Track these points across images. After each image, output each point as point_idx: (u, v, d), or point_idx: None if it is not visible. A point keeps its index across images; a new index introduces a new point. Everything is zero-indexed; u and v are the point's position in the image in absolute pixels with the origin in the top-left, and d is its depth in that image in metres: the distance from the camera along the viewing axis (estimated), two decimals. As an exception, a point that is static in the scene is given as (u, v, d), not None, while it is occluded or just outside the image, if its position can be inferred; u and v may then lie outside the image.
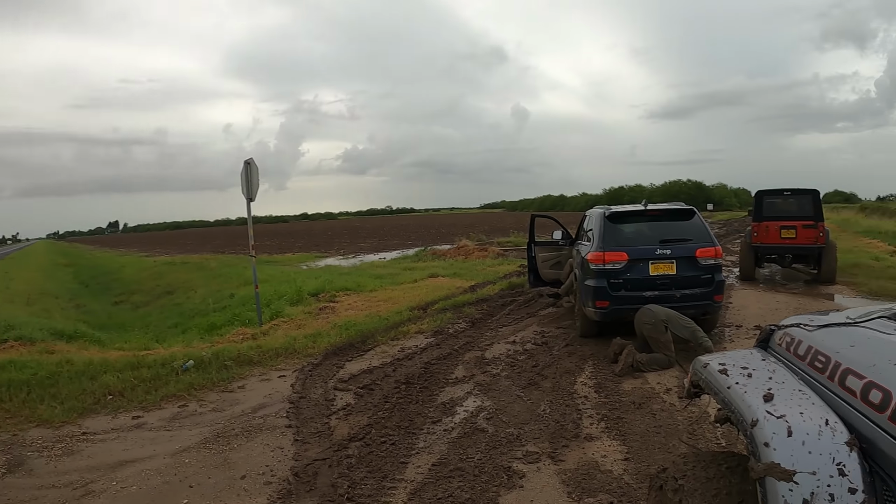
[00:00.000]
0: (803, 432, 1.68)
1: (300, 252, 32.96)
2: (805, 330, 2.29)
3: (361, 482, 4.29)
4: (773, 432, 1.69)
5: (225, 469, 4.53)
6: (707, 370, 2.32)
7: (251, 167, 9.71)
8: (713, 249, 7.98)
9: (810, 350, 2.13)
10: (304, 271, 19.21)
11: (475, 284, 13.98)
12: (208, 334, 9.35)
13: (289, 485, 4.26)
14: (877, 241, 23.38)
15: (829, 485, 1.57)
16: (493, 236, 32.80)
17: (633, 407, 5.75)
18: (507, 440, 5.00)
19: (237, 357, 7.48)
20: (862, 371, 1.79)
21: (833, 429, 1.69)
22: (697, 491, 2.02)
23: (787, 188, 13.92)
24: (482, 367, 7.17)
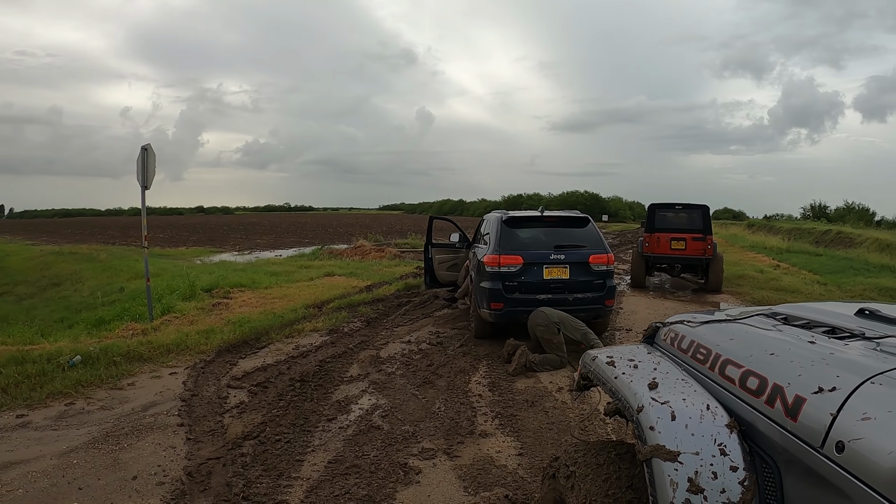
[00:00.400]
0: (686, 416, 1.80)
1: (194, 246, 31.99)
2: (688, 326, 2.46)
3: (257, 481, 4.23)
4: (658, 417, 1.81)
5: (115, 470, 4.34)
6: (596, 363, 2.45)
7: (148, 153, 9.35)
8: (605, 256, 8.31)
9: (693, 344, 2.28)
10: (198, 266, 18.62)
11: (371, 284, 13.98)
12: (97, 329, 8.93)
13: (182, 485, 4.13)
14: (761, 255, 24.98)
15: (711, 464, 1.69)
16: (390, 237, 32.84)
17: (526, 405, 5.91)
18: (403, 437, 5.04)
19: (127, 353, 7.18)
20: (740, 361, 1.94)
21: (714, 413, 1.82)
22: (589, 476, 2.13)
23: (678, 202, 14.66)
24: (377, 366, 7.18)
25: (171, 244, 33.19)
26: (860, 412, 1.43)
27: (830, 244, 30.42)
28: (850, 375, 1.58)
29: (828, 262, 21.78)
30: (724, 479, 1.67)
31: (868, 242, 27.18)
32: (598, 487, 2.06)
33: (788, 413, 1.62)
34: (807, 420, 1.55)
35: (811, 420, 1.53)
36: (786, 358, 1.83)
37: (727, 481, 1.67)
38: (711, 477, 1.67)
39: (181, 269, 15.86)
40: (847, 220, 44.30)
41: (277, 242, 36.94)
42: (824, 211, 56.98)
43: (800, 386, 1.64)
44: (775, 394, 1.70)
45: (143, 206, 9.71)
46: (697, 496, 1.64)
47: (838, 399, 1.50)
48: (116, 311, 10.20)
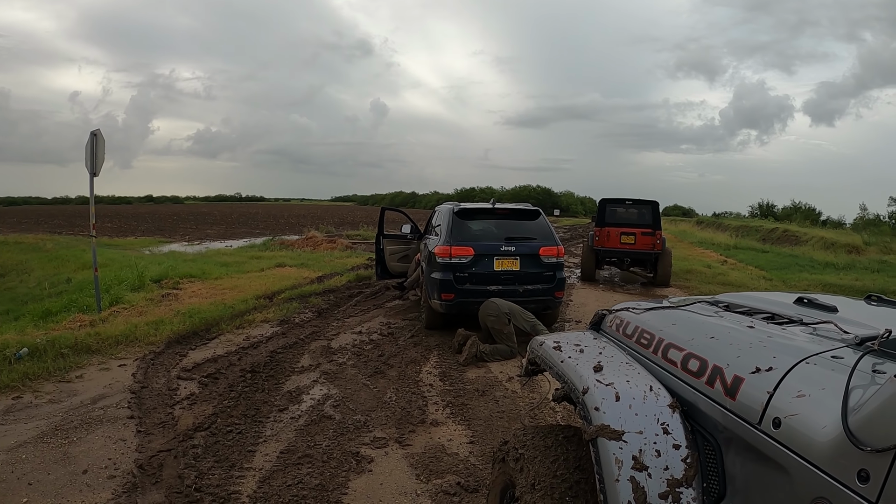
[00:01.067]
0: (630, 397, 1.86)
1: (143, 236, 31.30)
2: (633, 313, 2.53)
3: (209, 472, 4.19)
4: (603, 398, 1.87)
5: (65, 464, 4.25)
6: (543, 348, 2.50)
7: (97, 139, 9.10)
8: (556, 248, 8.43)
9: (637, 329, 2.35)
10: (147, 256, 18.22)
11: (323, 275, 13.92)
12: (43, 321, 8.66)
13: (133, 478, 4.08)
14: (709, 251, 25.60)
15: (654, 442, 1.75)
16: (342, 229, 32.71)
17: (476, 394, 5.98)
18: (355, 427, 5.06)
19: (74, 345, 7.01)
20: (682, 345, 2.01)
21: (657, 394, 1.89)
22: (537, 458, 2.18)
23: (629, 198, 14.95)
24: (328, 357, 7.17)
25: (119, 234, 32.43)
26: (795, 390, 1.50)
27: (777, 242, 31.29)
28: (786, 357, 1.65)
29: (774, 258, 22.39)
30: (667, 457, 1.73)
31: (813, 241, 28.04)
32: (547, 469, 2.11)
33: (728, 392, 1.69)
34: (745, 399, 1.62)
35: (749, 398, 1.60)
36: (725, 341, 1.91)
37: (670, 459, 1.73)
38: (655, 455, 1.73)
39: (130, 259, 15.51)
40: (794, 219, 45.55)
41: (228, 233, 36.43)
42: (772, 210, 58.49)
43: (738, 367, 1.71)
44: (715, 375, 1.77)
45: (91, 194, 9.47)
46: (642, 473, 1.69)
47: (774, 378, 1.58)
48: (64, 302, 9.92)
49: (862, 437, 1.21)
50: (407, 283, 10.55)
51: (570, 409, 5.06)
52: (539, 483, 2.08)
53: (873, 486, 1.17)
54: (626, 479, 1.69)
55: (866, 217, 42.73)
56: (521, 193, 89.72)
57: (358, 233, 29.23)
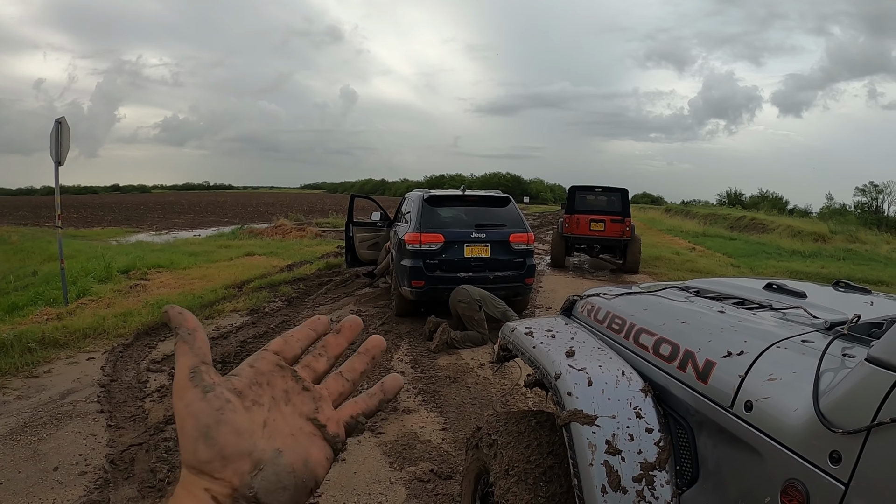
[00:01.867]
0: (602, 382, 1.86)
1: (110, 226, 30.78)
2: (604, 298, 2.54)
3: (181, 465, 4.16)
4: (576, 383, 1.87)
5: (35, 461, 4.17)
6: (515, 334, 2.50)
7: (62, 127, 8.92)
8: (526, 235, 8.45)
9: (608, 315, 2.36)
10: (114, 247, 17.95)
11: (292, 264, 13.84)
12: (9, 315, 8.49)
13: (105, 473, 4.02)
14: (678, 238, 25.92)
15: (627, 426, 1.76)
16: (311, 217, 32.51)
17: (448, 381, 5.99)
18: (327, 415, 5.04)
19: (42, 339, 6.87)
20: (654, 329, 2.02)
21: (629, 378, 1.89)
22: (510, 444, 2.18)
23: (598, 185, 15.07)
24: (300, 346, 7.12)
25: (85, 224, 31.85)
26: (767, 373, 1.51)
27: (745, 229, 31.78)
28: (757, 341, 1.67)
29: (742, 246, 22.75)
30: (640, 441, 1.74)
31: (780, 229, 28.52)
32: (520, 454, 2.11)
33: (699, 376, 1.70)
34: (716, 382, 1.63)
35: (721, 382, 1.61)
36: (697, 326, 1.92)
37: (643, 442, 1.74)
38: (628, 439, 1.74)
39: (96, 250, 15.28)
40: (761, 208, 46.32)
41: (196, 222, 36.02)
42: (739, 198, 59.40)
43: (710, 351, 1.72)
44: (687, 359, 1.78)
45: (56, 184, 9.29)
46: (615, 457, 1.70)
47: (746, 362, 1.59)
48: (30, 295, 9.74)
49: (833, 419, 1.22)
50: (377, 271, 10.53)
51: (542, 395, 5.09)
52: (513, 468, 2.08)
53: (845, 467, 1.18)
54: (599, 463, 1.69)
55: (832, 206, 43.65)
56: (491, 181, 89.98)
57: (327, 221, 29.07)
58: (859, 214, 42.45)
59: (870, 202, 48.93)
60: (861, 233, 26.54)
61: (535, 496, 1.98)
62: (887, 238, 26.79)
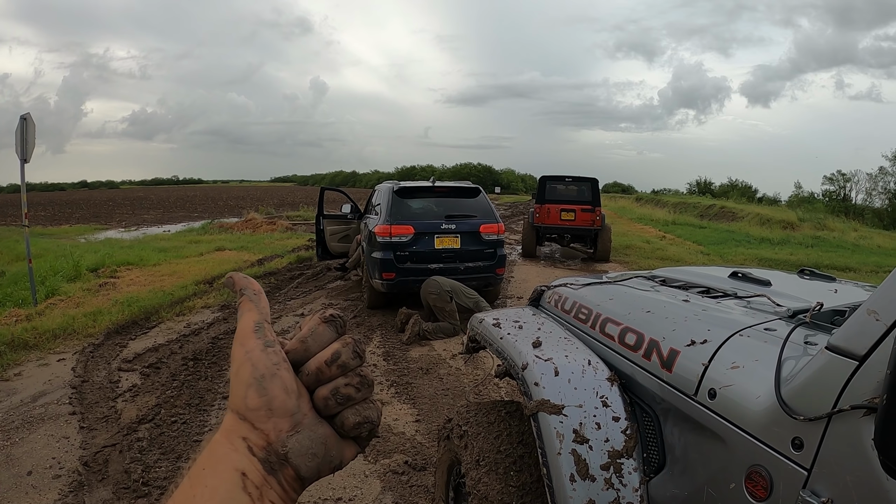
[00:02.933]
0: (569, 371, 1.88)
1: (78, 223, 30.27)
2: (571, 288, 2.56)
3: (155, 465, 4.11)
4: (542, 373, 1.88)
5: (8, 467, 4.09)
6: (482, 325, 2.51)
7: (28, 123, 8.72)
8: (496, 226, 8.47)
9: (575, 305, 2.37)
10: (83, 244, 17.67)
11: (263, 258, 13.77)
12: (-24, 319, 8.36)
13: (79, 476, 3.96)
14: (648, 227, 26.16)
15: (594, 415, 1.78)
16: (282, 210, 32.33)
17: (421, 373, 6.00)
18: (300, 409, 5.03)
19: (11, 341, 6.73)
20: (619, 319, 2.04)
21: (595, 368, 1.91)
22: (480, 434, 2.19)
23: (568, 175, 15.12)
24: (272, 340, 7.09)
25: (53, 222, 31.29)
26: (730, 361, 1.53)
27: (714, 218, 32.16)
28: (721, 329, 1.69)
29: (711, 234, 23.03)
30: (607, 429, 1.76)
31: (750, 217, 28.89)
32: (490, 444, 2.12)
33: (664, 365, 1.72)
34: (681, 371, 1.65)
35: (685, 370, 1.63)
36: (661, 315, 1.94)
37: (610, 431, 1.76)
38: (595, 427, 1.75)
39: (65, 248, 15.03)
40: (731, 196, 46.87)
41: (166, 217, 35.60)
42: (709, 187, 60.01)
43: (674, 340, 1.74)
44: (651, 348, 1.80)
45: (22, 182, 9.11)
46: (583, 446, 1.72)
47: (709, 350, 1.61)
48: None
49: (795, 406, 1.24)
50: (349, 264, 10.50)
51: (514, 385, 5.12)
52: (483, 459, 2.09)
53: (807, 454, 1.20)
54: (567, 451, 1.71)
55: (801, 195, 44.31)
56: (462, 171, 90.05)
57: (298, 214, 28.93)
58: (827, 202, 43.14)
59: (837, 190, 49.72)
60: (829, 220, 27.01)
61: (505, 486, 1.99)
62: (855, 225, 27.33)
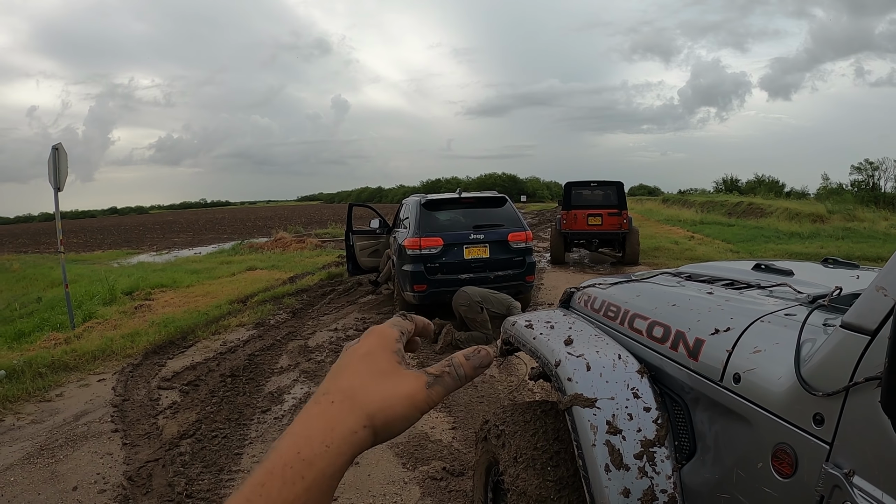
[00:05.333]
0: (600, 366, 1.95)
1: (110, 249, 30.83)
2: (599, 288, 2.63)
3: (198, 478, 4.24)
4: (575, 368, 1.96)
5: (54, 483, 4.25)
6: (515, 327, 2.59)
7: (59, 153, 9.03)
8: (524, 234, 8.54)
9: (604, 303, 2.45)
10: (116, 269, 18.04)
11: (294, 276, 13.96)
12: (17, 342, 8.57)
13: (124, 490, 4.10)
14: (676, 227, 25.92)
15: (626, 406, 1.85)
16: (310, 228, 32.59)
17: (455, 381, 6.07)
18: (338, 421, 5.13)
19: (52, 363, 6.96)
20: (646, 314, 2.12)
21: (625, 361, 1.98)
22: (517, 433, 2.26)
23: (593, 180, 15.11)
24: (306, 355, 7.22)
25: (85, 248, 31.92)
26: (752, 347, 1.60)
27: (742, 215, 31.78)
28: (743, 317, 1.76)
29: (740, 231, 22.78)
30: (639, 420, 1.83)
31: (778, 212, 28.52)
32: (527, 442, 2.20)
33: (690, 354, 1.79)
34: (706, 359, 1.72)
35: (710, 358, 1.70)
36: (686, 307, 2.01)
37: (642, 421, 1.83)
38: (627, 418, 1.83)
39: (99, 273, 15.37)
40: (758, 192, 46.23)
41: (196, 240, 36.09)
42: (736, 184, 59.26)
43: (699, 330, 1.81)
44: (678, 339, 1.87)
45: (56, 210, 9.39)
46: (616, 436, 1.79)
47: (732, 337, 1.68)
48: (36, 321, 9.82)
49: (814, 383, 1.30)
50: (380, 279, 10.62)
51: (548, 388, 5.18)
52: (521, 456, 2.16)
53: (828, 428, 1.26)
54: (601, 443, 1.78)
55: (829, 186, 43.54)
56: (487, 182, 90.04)
57: (326, 231, 29.17)
58: (856, 192, 42.38)
59: (866, 179, 48.86)
60: (859, 211, 26.56)
61: (543, 480, 2.06)
62: (885, 214, 26.85)
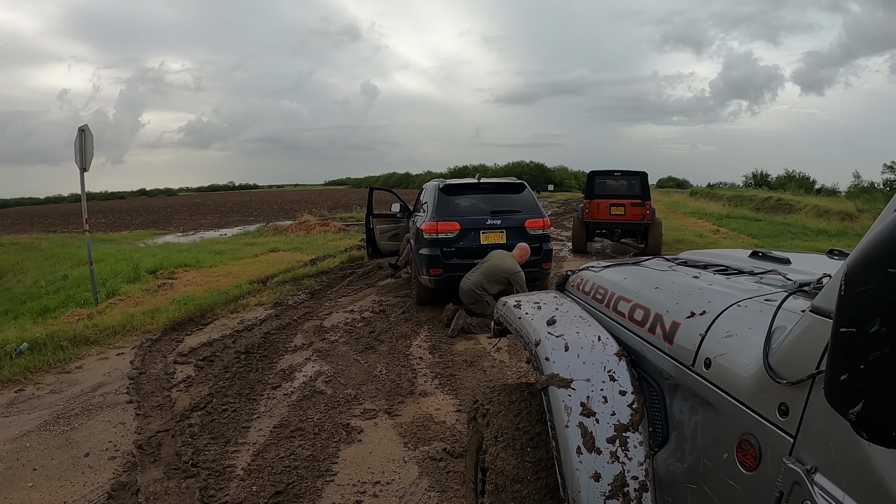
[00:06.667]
0: (578, 347, 1.94)
1: (137, 229, 31.31)
2: (592, 271, 2.62)
3: (205, 448, 4.30)
4: (553, 348, 1.95)
5: (68, 449, 4.36)
6: (505, 307, 2.59)
7: (86, 134, 9.14)
8: (541, 220, 8.48)
9: (594, 286, 2.44)
10: (142, 249, 18.29)
11: (316, 258, 14.03)
12: (42, 318, 8.73)
13: (133, 457, 4.18)
14: (702, 220, 25.51)
15: (601, 389, 1.84)
16: (335, 212, 32.75)
17: (465, 365, 6.08)
18: (346, 400, 5.17)
19: (73, 337, 7.10)
20: (629, 296, 2.10)
21: (604, 343, 1.97)
22: (501, 413, 2.26)
23: (617, 170, 14.92)
24: (321, 335, 7.27)
25: (113, 228, 32.40)
26: (724, 331, 1.57)
27: (770, 210, 31.18)
28: (720, 301, 1.73)
29: (766, 226, 22.35)
30: (613, 403, 1.82)
31: (807, 209, 27.94)
32: (510, 422, 2.20)
33: (666, 338, 1.77)
34: (680, 342, 1.70)
35: (684, 341, 1.68)
36: (667, 290, 1.99)
37: (617, 405, 1.82)
38: (602, 401, 1.82)
39: (124, 252, 15.59)
40: (788, 188, 45.28)
41: (222, 221, 36.45)
42: (766, 179, 58.10)
43: (676, 313, 1.79)
44: (656, 322, 1.85)
45: (82, 190, 9.52)
46: (590, 419, 1.78)
47: (706, 321, 1.65)
48: (61, 298, 10.00)
49: (780, 370, 1.27)
50: (399, 262, 10.63)
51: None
52: (502, 435, 2.16)
53: (792, 420, 1.22)
54: (574, 424, 1.77)
55: (860, 184, 42.58)
56: (514, 170, 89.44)
57: (351, 215, 29.29)
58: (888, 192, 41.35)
59: (898, 179, 47.44)
60: (890, 210, 25.77)
61: (521, 461, 2.06)
62: (917, 215, 26.00)
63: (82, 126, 9.23)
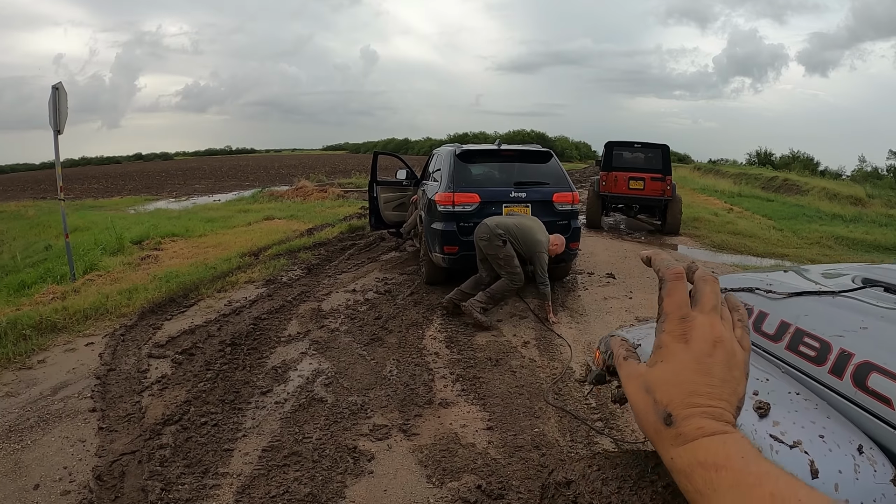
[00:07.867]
0: (834, 471, 1.08)
1: (129, 195, 30.22)
2: (761, 296, 1.71)
3: (178, 481, 3.41)
4: None
5: (15, 477, 3.48)
6: None
7: (60, 93, 8.18)
8: (570, 195, 7.53)
9: (789, 329, 1.54)
10: (131, 216, 17.33)
11: (313, 227, 13.12)
12: (16, 295, 7.84)
13: (90, 493, 3.31)
14: (713, 198, 24.79)
15: None
16: (334, 177, 31.78)
17: (489, 364, 5.23)
18: (351, 411, 4.30)
19: (39, 324, 6.16)
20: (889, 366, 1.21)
21: (873, 463, 1.09)
22: None
23: (637, 141, 14.02)
24: (319, 321, 6.40)
25: (105, 194, 31.23)
26: None
27: (778, 190, 30.47)
28: None
29: (780, 208, 21.67)
30: None
31: (816, 191, 27.23)
32: None
33: None
34: None
35: None
36: None
37: None
38: None
39: (112, 220, 14.67)
40: (792, 168, 44.49)
41: (216, 187, 35.40)
42: (770, 158, 57.24)
43: None
44: None
45: (56, 154, 8.59)
46: None
47: None
48: (39, 272, 9.10)
49: None
50: (404, 228, 9.69)
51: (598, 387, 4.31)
52: None
53: None
54: None
55: (865, 169, 41.96)
56: (516, 138, 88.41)
57: (350, 181, 28.31)
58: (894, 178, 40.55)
59: (904, 166, 46.40)
60: (898, 197, 25.13)
61: None
62: (924, 204, 25.34)
63: (56, 84, 8.28)
